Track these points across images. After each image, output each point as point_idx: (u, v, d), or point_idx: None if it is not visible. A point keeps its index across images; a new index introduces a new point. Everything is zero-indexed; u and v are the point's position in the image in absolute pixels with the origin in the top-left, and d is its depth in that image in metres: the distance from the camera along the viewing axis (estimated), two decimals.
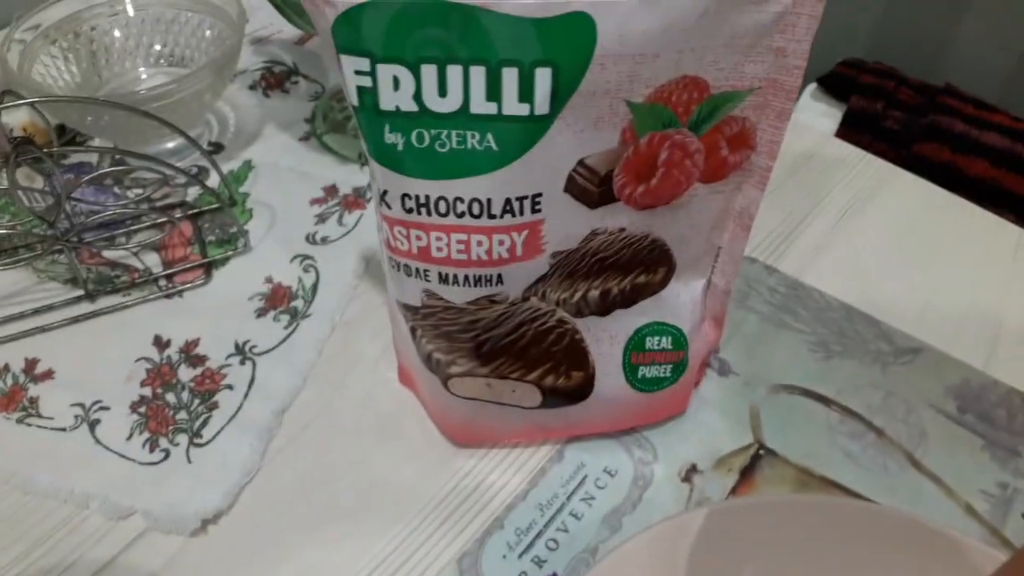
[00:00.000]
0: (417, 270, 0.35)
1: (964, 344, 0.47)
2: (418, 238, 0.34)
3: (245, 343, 0.47)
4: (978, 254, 0.52)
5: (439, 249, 0.34)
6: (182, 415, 0.43)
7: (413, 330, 0.38)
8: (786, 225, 0.54)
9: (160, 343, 0.47)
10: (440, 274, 0.35)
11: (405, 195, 0.33)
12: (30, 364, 0.46)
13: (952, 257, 0.52)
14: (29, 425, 0.43)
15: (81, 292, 0.49)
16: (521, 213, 0.33)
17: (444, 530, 0.39)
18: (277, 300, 0.49)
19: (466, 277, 0.35)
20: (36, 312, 0.48)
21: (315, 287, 0.50)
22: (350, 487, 0.41)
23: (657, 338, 0.40)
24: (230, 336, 0.47)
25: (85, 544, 0.39)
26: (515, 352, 0.38)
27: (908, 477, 0.41)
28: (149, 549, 0.38)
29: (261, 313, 0.49)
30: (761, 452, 0.42)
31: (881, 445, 0.43)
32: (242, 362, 0.46)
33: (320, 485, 0.41)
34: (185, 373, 0.45)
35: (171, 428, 0.43)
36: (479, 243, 0.34)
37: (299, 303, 0.49)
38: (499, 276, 0.35)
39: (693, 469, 0.42)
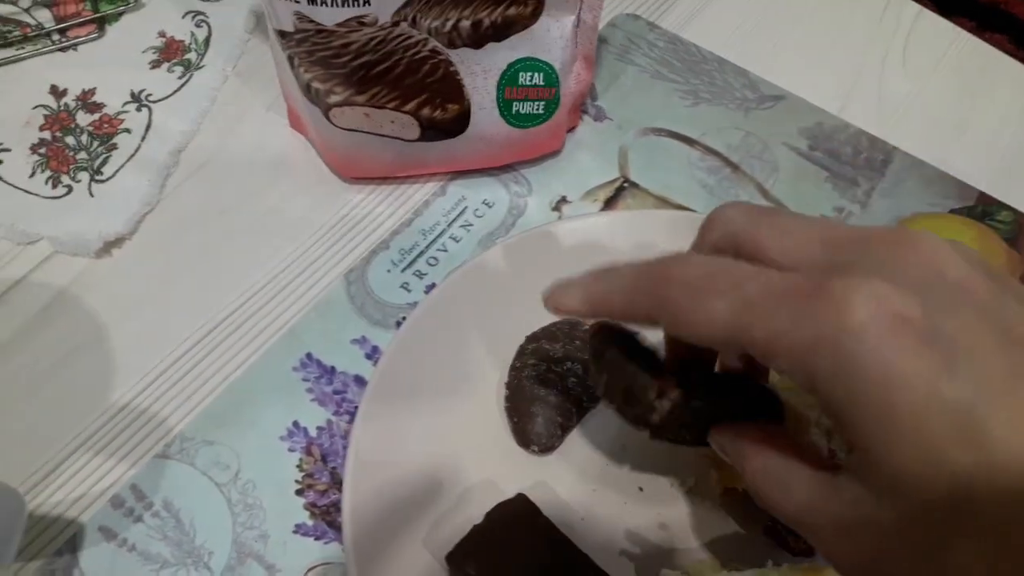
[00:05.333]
0: None
1: (823, 94, 0.50)
2: None
3: (141, 91, 0.48)
4: (845, 11, 0.55)
5: None
6: (82, 155, 0.45)
7: (291, 59, 0.40)
8: None
9: (57, 92, 0.48)
10: None
11: None
12: None
13: (823, 14, 0.55)
14: None
15: None
16: None
17: (333, 251, 0.43)
18: (171, 53, 0.50)
19: None
20: None
21: (207, 41, 0.51)
22: (243, 218, 0.44)
23: (529, 74, 0.43)
24: (126, 86, 0.49)
25: None
26: (390, 81, 0.41)
27: (758, 203, 0.46)
28: (56, 269, 0.41)
29: (155, 65, 0.50)
30: (625, 185, 0.46)
31: (736, 178, 0.47)
32: (138, 109, 0.48)
33: (215, 216, 0.44)
34: (83, 119, 0.47)
35: (72, 167, 0.45)
36: None
37: (192, 56, 0.50)
38: None
39: (563, 200, 0.46)
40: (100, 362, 0.38)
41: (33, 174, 0.45)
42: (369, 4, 0.37)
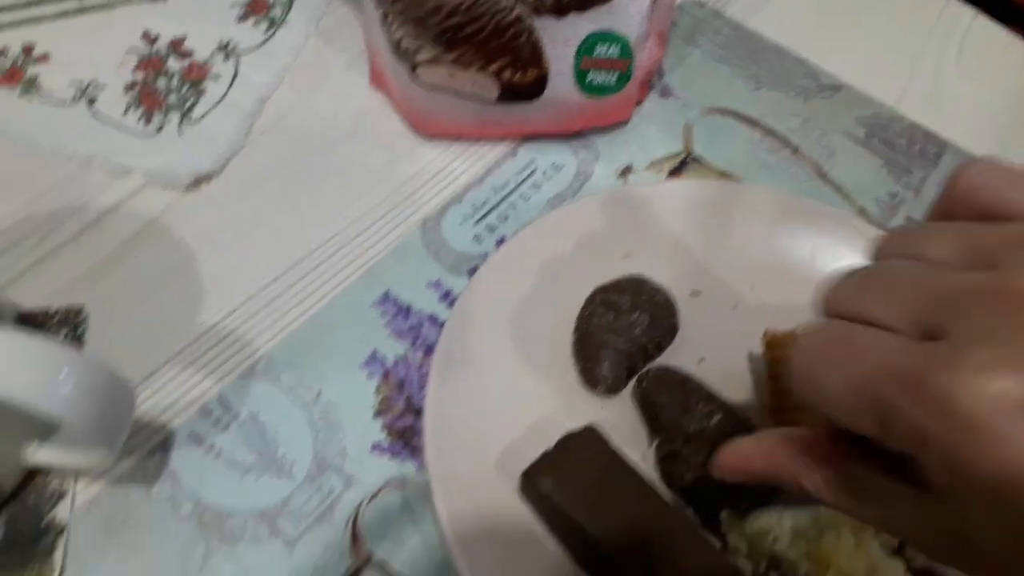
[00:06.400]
0: None
1: (880, 87, 0.53)
2: None
3: (228, 43, 0.51)
4: (903, 10, 0.57)
5: None
6: (172, 97, 0.48)
7: (385, 16, 0.43)
8: None
9: (149, 37, 0.51)
10: None
11: None
12: (27, 48, 0.49)
13: (882, 11, 0.57)
14: (31, 99, 0.47)
15: None
16: None
17: (410, 202, 0.45)
18: (257, 8, 0.53)
19: None
20: (27, 5, 0.51)
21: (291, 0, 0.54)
22: (324, 167, 0.46)
23: (606, 45, 0.45)
24: (214, 36, 0.51)
25: (90, 193, 0.44)
26: (476, 43, 0.43)
27: (814, 185, 0.48)
28: (148, 200, 0.44)
29: (242, 18, 0.52)
30: (689, 158, 0.48)
31: (795, 159, 0.49)
32: (225, 59, 0.50)
33: (298, 163, 0.46)
34: (174, 64, 0.49)
35: (163, 107, 0.47)
36: None
37: (277, 12, 0.53)
38: None
39: (628, 169, 0.48)
40: (190, 286, 0.41)
41: (127, 111, 0.47)
42: None
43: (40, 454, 0.33)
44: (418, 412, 0.37)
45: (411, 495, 0.35)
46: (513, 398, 0.37)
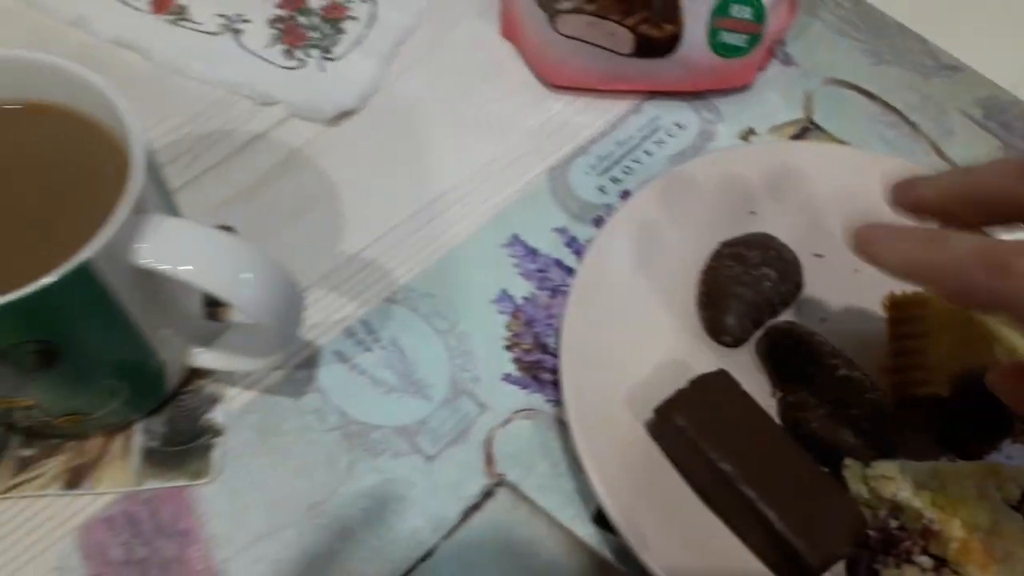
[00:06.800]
0: None
1: (999, 70, 0.53)
2: None
3: None
4: None
5: None
6: (314, 34, 0.50)
7: None
8: None
9: None
10: None
11: None
12: None
13: None
14: (182, 26, 0.49)
15: None
16: None
17: (537, 150, 0.47)
18: None
19: None
20: None
21: None
22: (456, 111, 0.48)
23: (740, 7, 0.46)
24: None
25: (237, 120, 0.46)
26: None
27: (931, 161, 0.49)
28: (292, 130, 0.46)
29: None
30: (809, 126, 0.49)
31: (913, 135, 0.50)
32: (363, 0, 0.52)
33: (431, 105, 0.48)
34: (314, 2, 0.51)
35: (305, 43, 0.49)
36: None
37: None
38: None
39: (750, 131, 0.49)
40: (333, 215, 0.43)
41: (270, 45, 0.49)
42: None
43: (204, 357, 0.35)
44: (545, 348, 0.39)
45: (539, 424, 0.37)
46: (640, 341, 0.38)
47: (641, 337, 0.39)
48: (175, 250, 0.28)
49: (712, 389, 0.35)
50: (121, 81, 0.30)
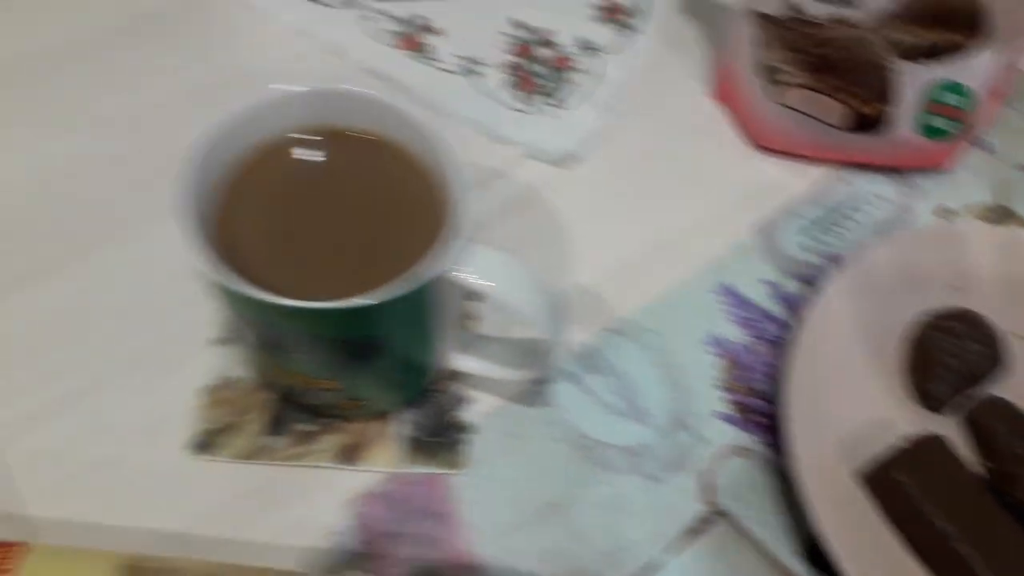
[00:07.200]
0: None
1: None
2: None
3: (589, 40, 0.57)
4: None
5: None
6: (542, 82, 0.55)
7: (763, 40, 0.48)
8: None
9: (522, 26, 0.58)
10: None
11: None
12: (421, 19, 0.57)
13: None
14: (426, 63, 0.55)
15: None
16: None
17: (746, 206, 0.50)
18: (613, 13, 0.59)
19: None
20: None
21: (644, 10, 0.60)
22: (668, 163, 0.52)
23: (952, 95, 0.49)
24: (576, 33, 0.58)
25: (476, 156, 0.51)
26: (842, 74, 0.48)
27: None
28: (525, 168, 0.51)
29: (600, 20, 0.59)
30: (1005, 211, 0.52)
31: None
32: (587, 54, 0.57)
33: (646, 157, 0.52)
34: (542, 53, 0.56)
35: (535, 89, 0.54)
36: None
37: (631, 20, 0.59)
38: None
39: (947, 210, 0.52)
40: (560, 248, 0.47)
41: (504, 89, 0.54)
42: (859, 9, 0.44)
43: (466, 362, 0.39)
44: (756, 392, 0.43)
45: (751, 462, 0.41)
46: (851, 397, 0.41)
47: (852, 393, 0.42)
48: (485, 270, 0.33)
49: (930, 451, 0.38)
50: None
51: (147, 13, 0.55)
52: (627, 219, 0.48)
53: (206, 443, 0.38)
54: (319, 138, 0.36)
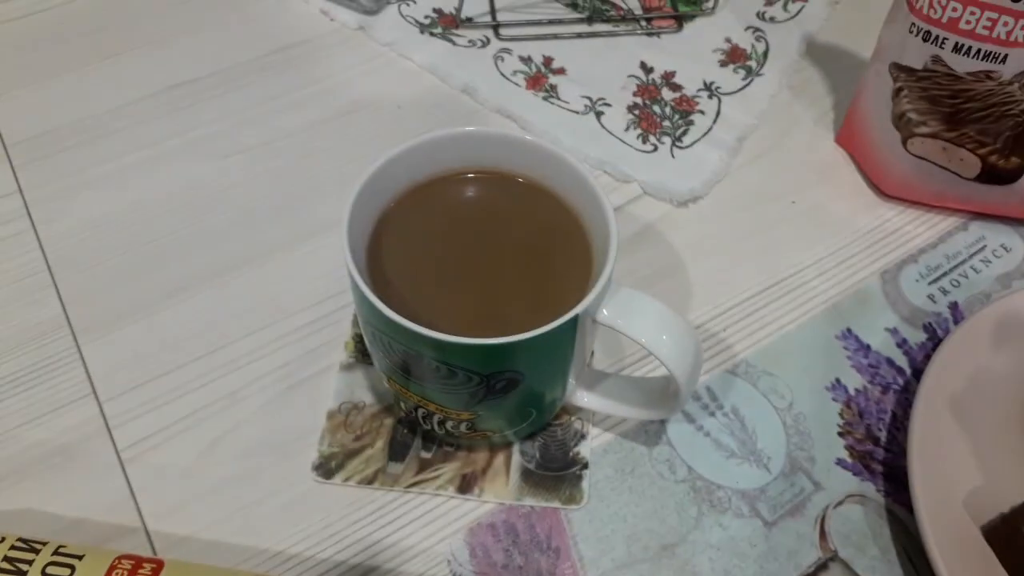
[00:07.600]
0: (936, 37, 0.45)
1: None
2: (953, 9, 0.44)
3: (711, 83, 0.58)
4: None
5: (967, 22, 0.43)
6: (666, 123, 0.56)
7: (899, 90, 0.48)
8: None
9: (645, 68, 0.59)
10: (957, 44, 0.44)
11: None
12: (547, 60, 0.59)
13: None
14: (552, 103, 0.57)
15: (583, 15, 0.61)
16: None
17: (868, 252, 0.50)
18: (735, 57, 0.60)
19: (979, 51, 0.44)
20: (550, 22, 0.61)
21: (766, 54, 0.60)
22: (791, 206, 0.52)
23: None
24: (700, 75, 0.59)
25: None
26: (979, 126, 0.47)
27: None
28: (646, 207, 0.52)
29: (723, 64, 0.60)
30: None
31: None
32: (710, 97, 0.58)
33: (769, 199, 0.52)
34: (666, 94, 0.57)
35: (658, 130, 0.55)
36: (1004, 23, 0.43)
37: (753, 63, 0.60)
38: (1005, 56, 0.44)
39: None
40: (680, 286, 0.48)
41: (627, 128, 0.55)
42: (1004, 63, 0.44)
43: (592, 399, 0.41)
44: (876, 440, 0.43)
45: (869, 510, 0.41)
46: (974, 450, 0.41)
47: (975, 447, 0.41)
48: (627, 312, 0.34)
49: None
50: None
51: (279, 47, 0.59)
52: (745, 259, 0.49)
53: (330, 466, 0.40)
54: (471, 176, 0.38)
